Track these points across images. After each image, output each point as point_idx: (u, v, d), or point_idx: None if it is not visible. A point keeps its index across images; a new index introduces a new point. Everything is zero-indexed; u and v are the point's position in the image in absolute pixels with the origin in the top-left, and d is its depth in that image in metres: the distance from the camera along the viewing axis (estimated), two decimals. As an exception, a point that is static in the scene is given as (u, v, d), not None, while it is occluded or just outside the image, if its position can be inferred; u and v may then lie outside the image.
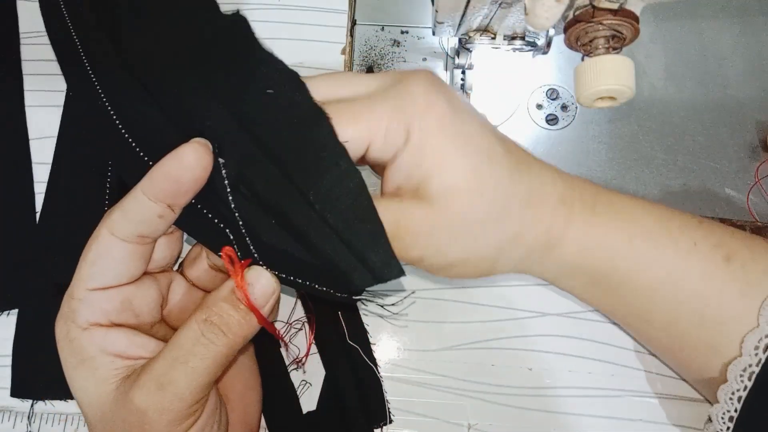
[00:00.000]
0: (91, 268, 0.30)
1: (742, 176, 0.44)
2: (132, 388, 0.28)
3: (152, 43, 0.34)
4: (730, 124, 0.45)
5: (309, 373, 0.40)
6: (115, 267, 0.30)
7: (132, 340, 0.30)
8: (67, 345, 0.30)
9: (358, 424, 0.38)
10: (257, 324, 0.30)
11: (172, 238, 0.33)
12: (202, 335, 0.29)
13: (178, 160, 0.28)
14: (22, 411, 0.39)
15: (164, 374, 0.28)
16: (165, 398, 0.28)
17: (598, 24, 0.30)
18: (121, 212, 0.30)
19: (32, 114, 0.45)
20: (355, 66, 0.47)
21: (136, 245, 0.30)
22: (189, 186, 0.29)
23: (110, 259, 0.30)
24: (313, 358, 0.40)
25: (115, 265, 0.30)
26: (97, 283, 0.30)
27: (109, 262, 0.30)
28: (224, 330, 0.29)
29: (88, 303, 0.30)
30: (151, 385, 0.28)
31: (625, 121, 0.46)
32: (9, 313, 0.41)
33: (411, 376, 0.40)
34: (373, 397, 0.39)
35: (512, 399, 0.40)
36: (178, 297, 0.34)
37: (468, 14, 0.36)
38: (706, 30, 0.48)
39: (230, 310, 0.30)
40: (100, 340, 0.30)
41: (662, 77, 0.47)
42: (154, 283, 0.33)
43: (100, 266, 0.30)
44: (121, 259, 0.30)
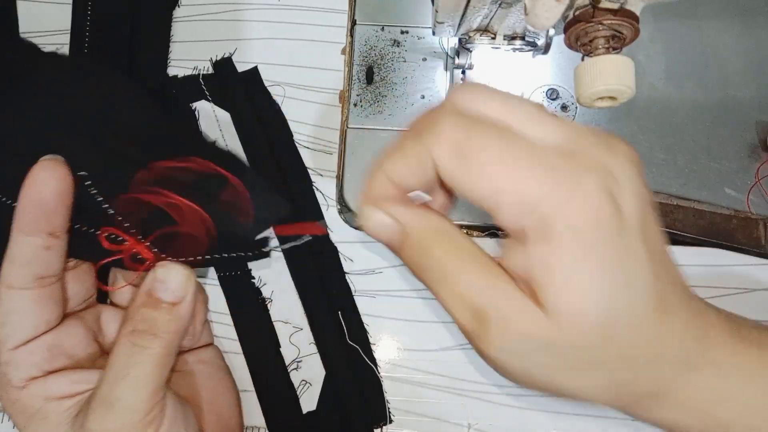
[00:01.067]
0: (2, 329, 0.29)
1: (742, 176, 0.44)
2: (85, 420, 0.28)
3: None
4: (730, 124, 0.45)
5: (309, 373, 0.40)
6: (27, 319, 0.29)
7: (73, 379, 0.30)
8: (11, 407, 0.29)
9: (358, 424, 0.38)
10: (185, 314, 0.30)
11: (79, 272, 0.32)
12: (134, 345, 0.29)
13: (33, 181, 0.28)
14: (22, 411, 0.39)
15: (109, 393, 0.28)
16: (118, 416, 0.28)
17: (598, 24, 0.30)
18: (8, 262, 0.28)
19: (32, 114, 0.45)
20: (355, 66, 0.47)
21: (40, 289, 0.29)
22: (54, 202, 0.28)
23: (19, 313, 0.29)
24: (313, 358, 0.40)
25: (27, 318, 0.29)
26: (16, 341, 0.29)
27: (20, 317, 0.29)
28: (154, 332, 0.29)
29: (15, 363, 0.29)
30: (101, 409, 0.28)
31: (625, 121, 0.46)
32: (9, 313, 0.41)
33: (411, 376, 0.40)
34: (373, 397, 0.39)
35: (512, 399, 0.40)
36: (115, 325, 0.33)
37: (468, 14, 0.36)
38: (706, 30, 0.48)
39: (152, 312, 0.29)
40: (40, 392, 0.29)
41: (662, 77, 0.47)
42: (79, 322, 0.32)
43: (12, 324, 0.29)
44: (30, 310, 0.29)
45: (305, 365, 0.40)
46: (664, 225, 0.42)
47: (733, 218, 0.42)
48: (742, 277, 0.42)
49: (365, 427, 0.39)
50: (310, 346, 0.40)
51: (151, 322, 0.29)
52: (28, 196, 0.28)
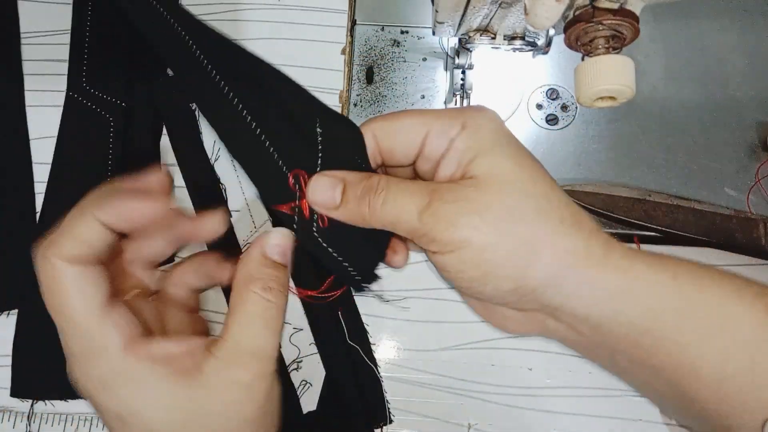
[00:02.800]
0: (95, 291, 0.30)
1: (742, 176, 0.44)
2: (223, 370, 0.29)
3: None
4: (730, 124, 0.45)
5: (309, 374, 0.40)
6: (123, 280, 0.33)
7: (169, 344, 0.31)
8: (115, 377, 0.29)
9: (359, 424, 0.38)
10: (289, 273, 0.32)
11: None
12: (267, 301, 0.30)
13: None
14: (22, 411, 0.39)
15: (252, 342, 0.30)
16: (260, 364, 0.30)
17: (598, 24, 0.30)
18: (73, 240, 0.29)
19: (32, 114, 0.45)
20: (355, 66, 0.47)
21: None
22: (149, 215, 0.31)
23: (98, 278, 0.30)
24: (313, 358, 0.40)
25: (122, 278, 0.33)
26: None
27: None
28: (281, 289, 0.31)
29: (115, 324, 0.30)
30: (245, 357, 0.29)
31: (625, 121, 0.46)
32: (9, 313, 0.41)
33: (411, 376, 0.40)
34: (372, 397, 0.39)
35: (512, 399, 0.40)
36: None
37: (468, 14, 0.36)
38: (706, 30, 0.48)
39: (276, 272, 0.31)
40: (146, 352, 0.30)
41: (662, 77, 0.47)
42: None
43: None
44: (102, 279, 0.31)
45: (305, 365, 0.40)
46: (664, 225, 0.42)
47: (733, 218, 0.42)
48: (742, 277, 0.42)
49: (365, 427, 0.39)
50: (311, 347, 0.41)
51: (278, 280, 0.31)
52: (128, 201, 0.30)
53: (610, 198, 0.42)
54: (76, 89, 0.44)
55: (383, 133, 0.32)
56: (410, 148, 0.31)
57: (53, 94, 0.45)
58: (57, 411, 0.39)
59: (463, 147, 0.30)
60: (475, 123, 0.30)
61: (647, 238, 0.43)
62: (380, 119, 0.32)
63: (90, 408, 0.39)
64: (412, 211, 0.29)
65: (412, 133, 0.31)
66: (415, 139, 0.31)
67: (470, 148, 0.30)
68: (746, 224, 0.42)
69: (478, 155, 0.30)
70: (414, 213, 0.29)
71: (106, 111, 0.44)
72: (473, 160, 0.30)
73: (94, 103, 0.44)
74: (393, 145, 0.32)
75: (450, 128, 0.30)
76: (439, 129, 0.31)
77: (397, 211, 0.30)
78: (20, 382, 0.40)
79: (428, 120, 0.31)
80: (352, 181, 0.31)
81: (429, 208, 0.29)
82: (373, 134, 0.32)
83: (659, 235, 0.43)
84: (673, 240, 0.42)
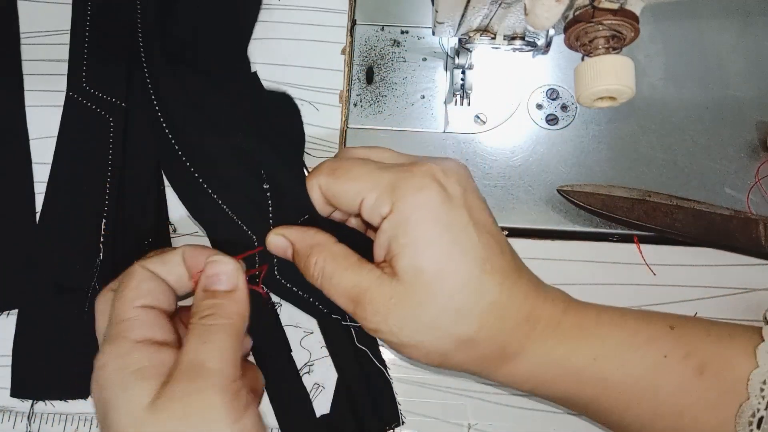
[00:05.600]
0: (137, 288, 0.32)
1: (742, 176, 0.44)
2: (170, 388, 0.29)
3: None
4: (730, 124, 0.45)
5: (321, 377, 0.40)
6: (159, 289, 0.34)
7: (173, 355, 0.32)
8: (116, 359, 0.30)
9: (371, 426, 0.38)
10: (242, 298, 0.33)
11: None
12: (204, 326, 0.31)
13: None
14: (22, 411, 0.39)
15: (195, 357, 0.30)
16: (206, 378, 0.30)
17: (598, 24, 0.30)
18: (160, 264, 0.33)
19: (32, 114, 0.45)
20: (355, 66, 0.47)
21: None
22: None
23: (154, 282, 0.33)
24: (325, 361, 0.40)
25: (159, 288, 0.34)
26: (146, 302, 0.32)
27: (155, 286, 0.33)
28: (220, 314, 0.32)
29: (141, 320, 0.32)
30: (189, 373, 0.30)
31: (625, 121, 0.46)
32: (9, 313, 0.41)
33: (411, 376, 0.40)
34: (384, 399, 0.39)
35: (512, 399, 0.40)
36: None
37: (468, 14, 0.36)
38: (706, 30, 0.48)
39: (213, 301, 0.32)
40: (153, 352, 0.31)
41: (662, 77, 0.47)
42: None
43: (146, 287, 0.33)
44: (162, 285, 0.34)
45: (317, 368, 0.40)
46: (664, 225, 0.42)
47: (733, 218, 0.42)
48: (742, 277, 0.42)
49: (377, 429, 0.39)
50: (322, 350, 0.40)
51: (214, 308, 0.32)
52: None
53: (610, 198, 0.42)
54: (76, 89, 0.44)
55: (326, 188, 0.34)
56: (351, 208, 0.34)
57: (53, 94, 0.45)
58: (57, 411, 0.39)
59: (389, 232, 0.32)
60: (405, 206, 0.31)
61: (647, 239, 0.43)
62: (325, 173, 0.34)
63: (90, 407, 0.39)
64: (346, 303, 0.32)
65: (350, 197, 0.33)
66: (352, 203, 0.33)
67: (395, 237, 0.31)
68: (746, 224, 0.42)
69: (401, 247, 0.31)
70: (348, 305, 0.32)
71: (106, 111, 0.44)
72: (397, 252, 0.31)
73: (94, 104, 0.44)
74: (336, 201, 0.34)
75: (381, 204, 0.32)
76: (371, 202, 0.32)
77: (333, 296, 0.33)
78: (20, 383, 0.40)
79: (364, 188, 0.33)
80: (297, 249, 0.34)
81: (359, 306, 0.32)
82: (319, 186, 0.34)
83: (659, 235, 0.43)
84: (673, 240, 0.42)
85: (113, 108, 0.44)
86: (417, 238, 0.31)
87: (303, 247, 0.34)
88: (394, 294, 0.31)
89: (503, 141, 0.45)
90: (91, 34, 0.46)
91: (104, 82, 0.44)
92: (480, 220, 0.33)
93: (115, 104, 0.44)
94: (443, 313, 0.31)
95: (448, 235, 0.31)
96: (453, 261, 0.31)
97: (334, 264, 0.33)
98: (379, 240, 0.32)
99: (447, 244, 0.31)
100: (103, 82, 0.44)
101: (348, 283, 0.32)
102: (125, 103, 0.44)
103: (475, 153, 0.45)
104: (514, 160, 0.45)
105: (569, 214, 0.43)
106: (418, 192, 0.31)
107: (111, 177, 0.42)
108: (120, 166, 0.43)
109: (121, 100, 0.44)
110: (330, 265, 0.33)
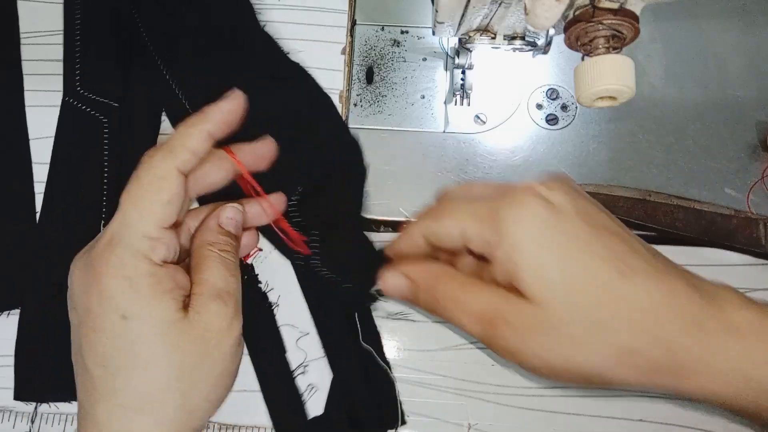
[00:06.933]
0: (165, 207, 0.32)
1: (742, 176, 0.44)
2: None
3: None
4: (730, 124, 0.45)
5: (316, 378, 0.40)
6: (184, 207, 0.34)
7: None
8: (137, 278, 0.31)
9: (370, 426, 0.38)
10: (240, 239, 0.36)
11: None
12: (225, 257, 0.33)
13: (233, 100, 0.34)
14: (22, 411, 0.39)
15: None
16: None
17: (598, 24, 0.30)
18: (188, 151, 0.32)
19: (32, 114, 0.45)
20: (355, 66, 0.47)
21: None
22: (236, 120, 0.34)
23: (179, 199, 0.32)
24: (320, 362, 0.40)
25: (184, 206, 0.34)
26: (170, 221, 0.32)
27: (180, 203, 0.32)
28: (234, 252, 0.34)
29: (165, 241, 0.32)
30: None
31: (625, 121, 0.46)
32: (9, 313, 0.41)
33: (411, 376, 0.40)
34: (385, 399, 0.39)
35: (512, 399, 0.40)
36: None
37: (468, 14, 0.36)
38: (706, 30, 0.48)
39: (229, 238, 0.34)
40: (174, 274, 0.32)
41: (662, 77, 0.47)
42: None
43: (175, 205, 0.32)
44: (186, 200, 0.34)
45: (312, 369, 0.40)
46: (665, 225, 0.42)
47: (733, 218, 0.42)
48: (742, 277, 0.42)
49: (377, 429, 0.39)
50: (318, 350, 0.40)
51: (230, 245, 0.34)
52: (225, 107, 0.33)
53: (610, 198, 0.42)
54: (71, 93, 0.44)
55: (428, 231, 0.34)
56: (456, 245, 0.33)
57: (53, 94, 0.45)
58: (57, 411, 0.39)
59: (504, 260, 0.30)
60: (512, 229, 0.30)
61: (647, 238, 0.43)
62: (424, 218, 0.34)
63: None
64: (478, 327, 0.31)
65: (452, 234, 0.33)
66: (456, 239, 0.32)
67: (512, 263, 0.30)
68: (746, 224, 0.42)
69: (523, 272, 0.29)
70: (481, 328, 0.31)
71: (100, 113, 0.44)
72: (520, 277, 0.30)
73: (88, 106, 0.44)
74: (440, 242, 0.34)
75: (486, 234, 0.31)
76: (475, 233, 0.31)
77: (464, 321, 0.32)
78: (24, 386, 0.40)
79: (464, 222, 0.32)
80: (421, 285, 0.34)
81: (494, 328, 0.30)
82: (422, 233, 0.34)
83: (659, 235, 0.43)
84: (673, 240, 0.42)
85: (107, 109, 0.44)
86: (535, 259, 0.29)
87: (427, 279, 0.33)
88: (532, 315, 0.29)
89: (503, 141, 0.45)
90: (82, 37, 0.46)
91: (98, 84, 0.44)
92: (599, 223, 0.31)
93: (109, 105, 0.44)
94: (591, 327, 0.29)
95: (568, 246, 0.29)
96: (583, 272, 0.29)
97: (462, 289, 0.32)
98: (496, 270, 0.31)
99: (570, 256, 0.29)
100: (97, 85, 0.44)
101: (480, 305, 0.31)
102: (119, 104, 0.44)
103: (475, 153, 0.45)
104: (514, 160, 0.45)
105: (569, 214, 0.43)
106: (521, 212, 0.30)
107: (107, 178, 0.42)
108: (116, 166, 0.43)
109: (115, 102, 0.44)
110: (458, 290, 0.32)
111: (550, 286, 0.29)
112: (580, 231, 0.30)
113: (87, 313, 0.30)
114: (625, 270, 0.29)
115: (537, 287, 0.29)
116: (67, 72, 0.45)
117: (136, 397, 0.30)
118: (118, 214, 0.32)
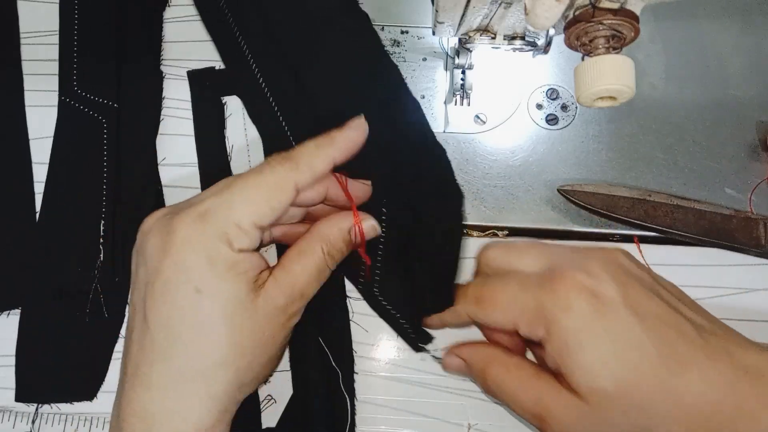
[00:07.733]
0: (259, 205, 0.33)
1: (742, 176, 0.44)
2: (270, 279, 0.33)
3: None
4: (730, 124, 0.45)
5: (277, 389, 0.39)
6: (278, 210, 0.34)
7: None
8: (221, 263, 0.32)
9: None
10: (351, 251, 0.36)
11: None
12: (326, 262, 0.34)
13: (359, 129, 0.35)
14: (22, 411, 0.39)
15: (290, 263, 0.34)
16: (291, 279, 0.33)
17: (598, 24, 0.30)
18: (311, 172, 0.33)
19: (32, 114, 0.45)
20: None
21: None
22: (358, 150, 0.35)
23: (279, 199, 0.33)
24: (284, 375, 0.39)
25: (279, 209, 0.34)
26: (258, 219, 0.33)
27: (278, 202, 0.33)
28: (337, 261, 0.35)
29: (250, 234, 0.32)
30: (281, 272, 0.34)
31: (625, 121, 0.46)
32: (9, 313, 0.41)
33: (411, 376, 0.40)
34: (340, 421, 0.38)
35: (512, 399, 0.39)
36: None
37: (468, 14, 0.36)
38: (706, 30, 0.48)
39: (345, 247, 0.35)
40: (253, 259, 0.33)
41: (662, 77, 0.47)
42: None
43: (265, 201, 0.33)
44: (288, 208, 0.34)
45: (275, 380, 0.39)
46: (665, 225, 0.42)
47: (733, 218, 0.42)
48: (742, 277, 0.42)
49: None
50: (284, 363, 0.40)
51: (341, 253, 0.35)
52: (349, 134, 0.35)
53: (610, 198, 0.42)
54: (68, 93, 0.45)
55: (475, 317, 0.35)
56: (505, 332, 0.35)
57: (53, 94, 0.45)
58: (58, 411, 0.39)
59: (554, 355, 0.31)
60: (559, 330, 0.30)
61: (647, 239, 0.43)
62: (471, 302, 0.35)
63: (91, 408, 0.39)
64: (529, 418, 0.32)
65: (502, 325, 0.34)
66: (505, 329, 0.34)
67: (561, 360, 0.30)
68: (747, 224, 0.42)
69: (572, 371, 0.30)
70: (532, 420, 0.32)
71: (98, 113, 0.44)
72: (570, 374, 0.30)
73: (86, 106, 0.44)
74: (488, 328, 0.36)
75: (534, 329, 0.32)
76: (524, 328, 0.32)
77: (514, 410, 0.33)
78: (25, 387, 0.40)
79: (512, 317, 0.32)
80: (472, 366, 0.35)
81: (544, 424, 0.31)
82: (467, 314, 0.35)
83: (659, 235, 0.43)
84: (673, 240, 0.42)
85: (105, 109, 0.44)
86: (584, 360, 0.30)
87: (477, 361, 0.35)
88: (582, 415, 0.30)
89: (503, 141, 0.45)
90: (79, 37, 0.46)
91: (95, 84, 0.44)
92: (649, 312, 0.31)
93: (107, 105, 0.44)
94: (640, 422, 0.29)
95: (616, 345, 0.30)
96: (634, 372, 0.29)
97: (509, 377, 0.33)
98: (547, 358, 0.32)
99: (618, 357, 0.29)
100: (94, 85, 0.44)
101: (529, 400, 0.31)
102: (117, 104, 0.44)
103: (475, 153, 0.45)
104: (514, 160, 0.45)
105: (569, 214, 0.43)
106: (567, 313, 0.30)
107: (107, 179, 0.42)
108: (115, 167, 0.43)
109: (112, 101, 0.44)
110: (506, 378, 0.33)
111: (601, 387, 0.29)
112: (629, 326, 0.30)
113: (157, 274, 0.31)
114: (676, 367, 0.29)
115: (587, 387, 0.30)
116: (63, 72, 0.45)
117: (193, 367, 0.31)
118: (224, 193, 0.32)
